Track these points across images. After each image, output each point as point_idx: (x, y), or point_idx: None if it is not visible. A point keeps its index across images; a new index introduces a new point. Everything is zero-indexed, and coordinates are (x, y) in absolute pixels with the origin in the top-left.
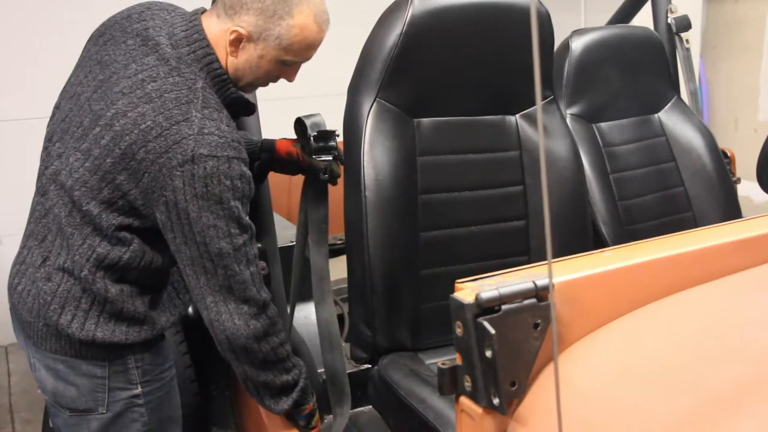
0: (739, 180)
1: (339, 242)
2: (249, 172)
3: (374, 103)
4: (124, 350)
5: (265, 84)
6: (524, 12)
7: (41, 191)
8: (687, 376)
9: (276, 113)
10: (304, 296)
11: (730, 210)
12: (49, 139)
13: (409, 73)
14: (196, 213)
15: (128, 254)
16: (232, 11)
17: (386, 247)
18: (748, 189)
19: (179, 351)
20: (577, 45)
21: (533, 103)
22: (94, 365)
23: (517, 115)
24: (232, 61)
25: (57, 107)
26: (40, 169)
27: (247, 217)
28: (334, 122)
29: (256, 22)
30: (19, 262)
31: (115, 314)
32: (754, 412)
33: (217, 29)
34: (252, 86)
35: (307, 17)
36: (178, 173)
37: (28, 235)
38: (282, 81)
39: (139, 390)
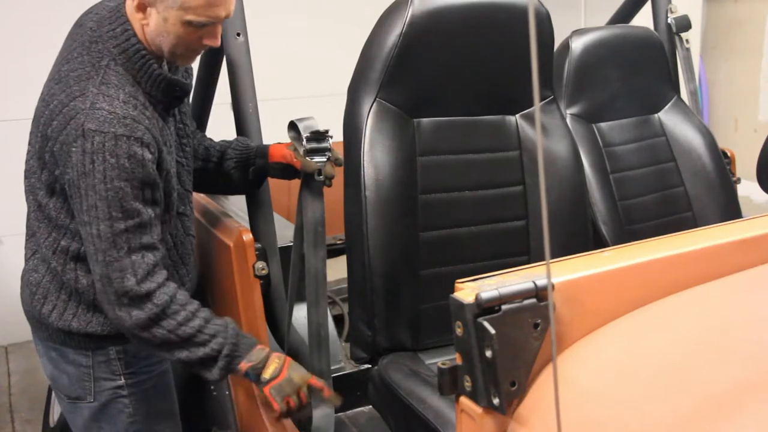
0: (739, 180)
1: (339, 242)
2: (144, 153)
3: (374, 103)
4: (103, 341)
5: (192, 52)
6: (524, 12)
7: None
8: (687, 376)
9: (276, 113)
10: (304, 297)
11: (730, 210)
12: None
13: (409, 73)
14: (84, 191)
15: (84, 244)
16: None
17: (386, 247)
18: (748, 189)
19: None
20: (577, 45)
21: (533, 103)
22: (79, 354)
23: (517, 115)
24: (147, 32)
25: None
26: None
27: (139, 203)
28: (334, 122)
29: None
30: (24, 257)
31: (91, 305)
32: (754, 412)
33: (130, 2)
34: (175, 56)
35: None
36: (73, 149)
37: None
38: (282, 81)
39: (122, 381)
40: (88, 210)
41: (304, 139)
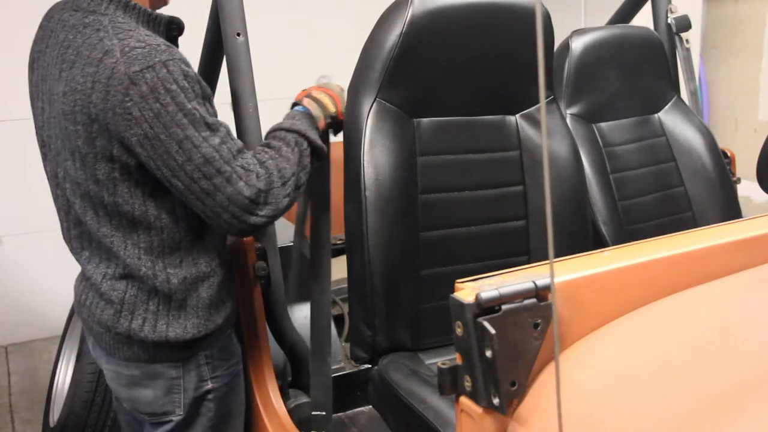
0: (739, 180)
1: (339, 242)
2: (191, 71)
3: (374, 103)
4: (195, 347)
5: None
6: (524, 12)
7: (63, 207)
8: (687, 376)
9: (276, 113)
10: (304, 296)
11: (730, 210)
12: (41, 146)
13: (409, 73)
14: (165, 133)
15: (166, 231)
16: None
17: (386, 247)
18: (748, 189)
19: None
20: (577, 45)
21: (533, 103)
22: (169, 366)
23: (517, 115)
24: None
25: (33, 114)
26: (50, 182)
27: (211, 116)
28: None
29: None
30: (85, 278)
31: (182, 308)
32: (754, 412)
33: None
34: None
35: None
36: (129, 104)
37: (80, 250)
38: (282, 81)
39: (210, 386)
40: (181, 145)
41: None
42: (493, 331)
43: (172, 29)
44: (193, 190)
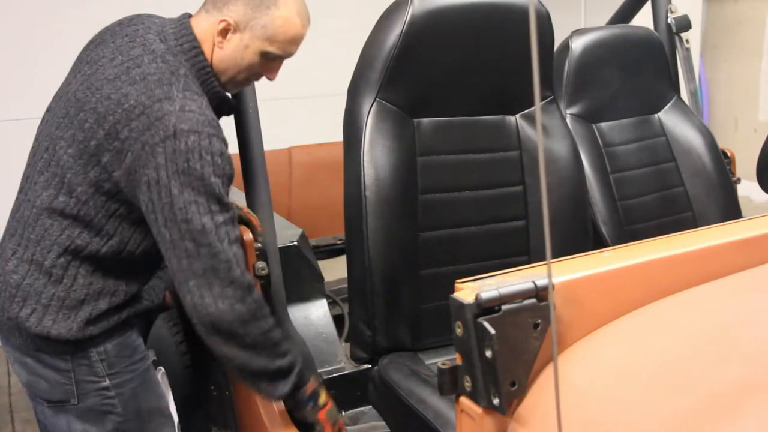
0: (739, 180)
1: (339, 242)
2: (228, 153)
3: (374, 104)
4: (83, 345)
5: (246, 81)
6: (524, 12)
7: (24, 188)
8: (687, 376)
9: (276, 113)
10: (304, 296)
11: (730, 210)
12: (36, 138)
13: (409, 73)
14: (178, 189)
15: (106, 247)
16: (221, 3)
17: (386, 247)
18: (748, 189)
19: (179, 351)
20: (577, 45)
21: (533, 103)
22: (57, 358)
23: (517, 115)
24: (217, 53)
25: (48, 110)
26: (26, 168)
27: (227, 198)
28: (334, 122)
29: (244, 11)
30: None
31: (75, 310)
32: (754, 412)
33: (205, 24)
34: (233, 82)
35: (291, 10)
36: (160, 149)
37: (5, 231)
38: (282, 81)
39: (107, 382)
40: (185, 207)
41: None
42: (493, 331)
43: (224, 108)
44: (177, 245)
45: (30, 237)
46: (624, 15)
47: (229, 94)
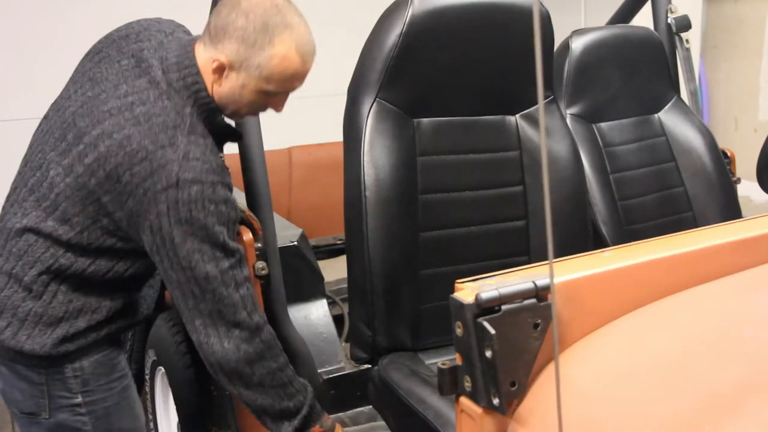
0: (739, 180)
1: (339, 242)
2: (231, 196)
3: (374, 104)
4: (55, 360)
5: (253, 113)
6: (524, 12)
7: (11, 198)
8: (687, 376)
9: (276, 113)
10: (304, 296)
11: (730, 210)
12: (30, 147)
13: (409, 73)
14: (181, 238)
15: (93, 267)
16: (216, 39)
17: (386, 247)
18: (748, 189)
19: (179, 351)
20: (577, 45)
21: (533, 103)
22: (31, 371)
23: (517, 115)
24: (217, 90)
25: (45, 117)
26: (16, 176)
27: (234, 242)
28: (335, 122)
29: (238, 51)
30: None
31: (51, 326)
32: (754, 412)
33: (203, 57)
34: (238, 115)
35: (289, 48)
36: (162, 198)
37: None
38: None
39: (79, 399)
40: (188, 256)
41: None
42: (493, 331)
43: (227, 137)
44: (183, 287)
45: (12, 250)
46: (624, 15)
47: (233, 123)
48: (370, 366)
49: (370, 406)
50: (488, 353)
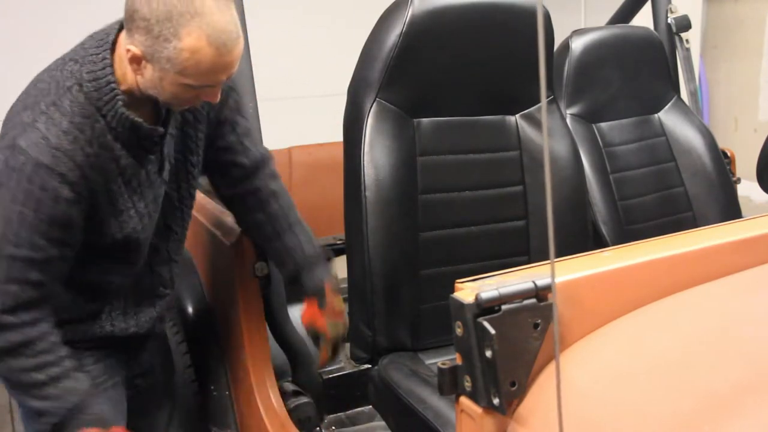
0: (739, 180)
1: (339, 242)
2: (62, 190)
3: (374, 104)
4: None
5: (187, 104)
6: (524, 12)
7: None
8: (687, 376)
9: (276, 113)
10: (304, 296)
11: (730, 210)
12: None
13: (409, 73)
14: None
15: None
16: (128, 27)
17: (386, 247)
18: (748, 189)
19: (179, 351)
20: (577, 45)
21: (533, 103)
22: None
23: (517, 115)
24: (140, 80)
25: None
26: None
27: (40, 238)
28: (335, 122)
29: (145, 42)
30: None
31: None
32: (754, 412)
33: (124, 44)
34: (170, 105)
35: (198, 39)
36: (1, 157)
37: None
38: (282, 81)
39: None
40: None
41: None
42: (493, 331)
43: (130, 134)
44: None
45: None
46: (624, 15)
47: (148, 126)
48: (370, 366)
49: (370, 406)
50: (488, 353)
